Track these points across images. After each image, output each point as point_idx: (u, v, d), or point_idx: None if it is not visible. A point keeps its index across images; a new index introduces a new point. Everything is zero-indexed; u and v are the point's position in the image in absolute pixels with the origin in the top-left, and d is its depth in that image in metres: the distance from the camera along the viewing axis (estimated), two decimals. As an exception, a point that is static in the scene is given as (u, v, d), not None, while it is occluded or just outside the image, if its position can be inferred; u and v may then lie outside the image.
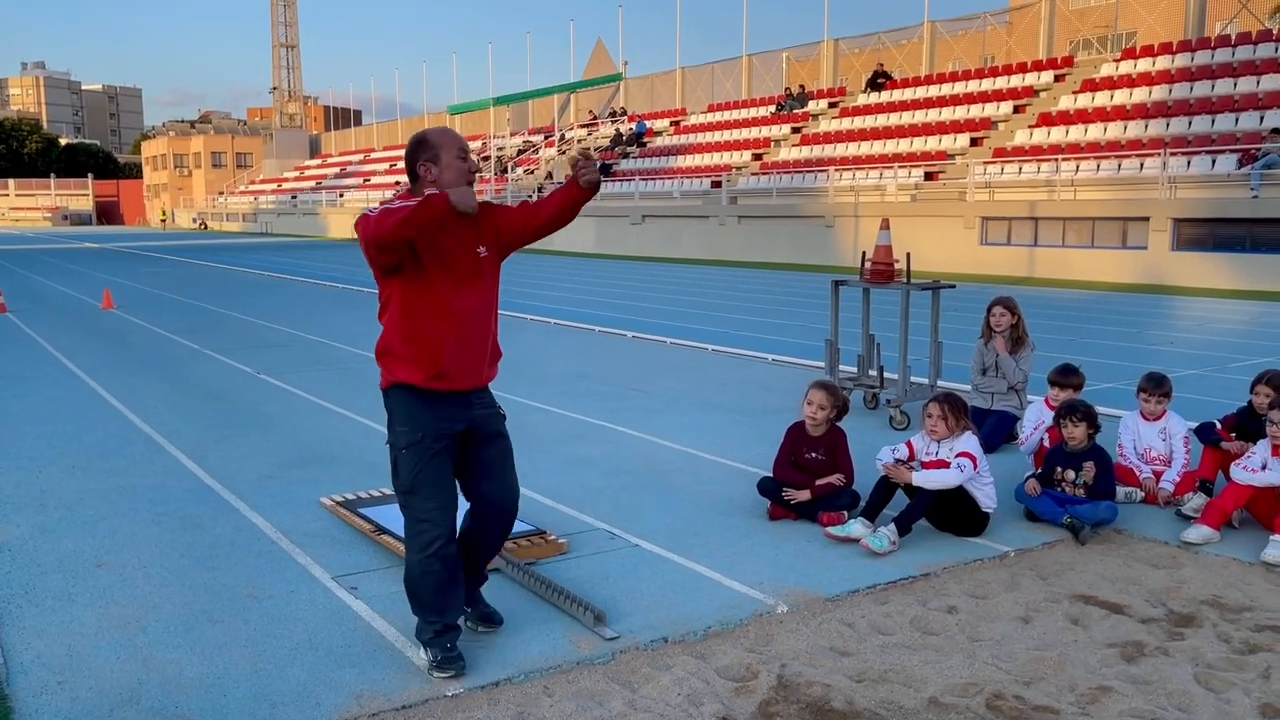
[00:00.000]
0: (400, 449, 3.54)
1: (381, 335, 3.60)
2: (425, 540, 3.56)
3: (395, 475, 3.59)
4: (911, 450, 5.19)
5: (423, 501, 3.54)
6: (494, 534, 3.83)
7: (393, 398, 3.58)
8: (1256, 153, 20.36)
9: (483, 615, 3.90)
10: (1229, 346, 11.58)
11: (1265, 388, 5.63)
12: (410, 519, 3.59)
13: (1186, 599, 4.29)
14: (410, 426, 3.53)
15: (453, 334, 3.53)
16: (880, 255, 7.83)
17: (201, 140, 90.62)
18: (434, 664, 3.56)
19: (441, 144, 3.53)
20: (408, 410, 3.54)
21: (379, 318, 3.62)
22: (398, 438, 3.55)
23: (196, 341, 12.48)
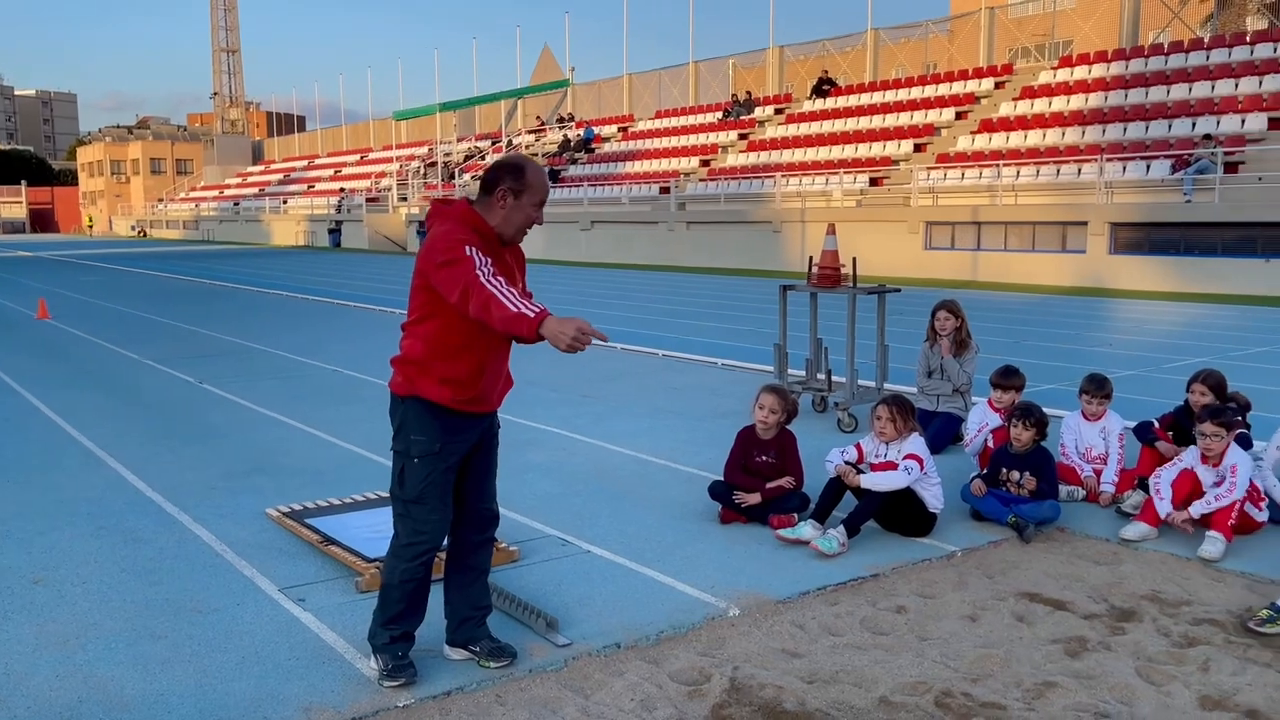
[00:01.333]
0: (413, 457, 3.47)
1: (412, 344, 3.47)
2: (419, 550, 3.51)
3: (400, 482, 3.51)
4: (860, 452, 5.25)
5: (428, 513, 3.50)
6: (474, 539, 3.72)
7: (411, 407, 3.48)
8: (1189, 158, 20.91)
9: (494, 650, 3.70)
10: (1165, 347, 11.87)
11: (1201, 386, 5.79)
12: (409, 528, 3.51)
13: (1127, 594, 4.38)
14: (429, 437, 3.46)
15: (492, 360, 3.52)
16: (827, 260, 7.91)
17: (140, 146, 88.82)
18: (385, 671, 3.52)
19: (531, 186, 3.44)
20: (427, 421, 3.47)
21: (410, 326, 3.50)
22: (412, 445, 3.47)
23: (136, 351, 12.22)
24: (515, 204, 3.42)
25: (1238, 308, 16.53)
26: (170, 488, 6.05)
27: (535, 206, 3.46)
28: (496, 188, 3.42)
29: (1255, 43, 24.42)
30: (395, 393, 3.54)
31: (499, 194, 3.42)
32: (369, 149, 60.65)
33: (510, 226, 3.45)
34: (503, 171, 3.43)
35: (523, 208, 3.44)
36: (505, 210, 3.42)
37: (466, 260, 3.26)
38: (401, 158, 52.72)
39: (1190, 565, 4.73)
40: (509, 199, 3.42)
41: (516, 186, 3.41)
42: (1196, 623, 4.08)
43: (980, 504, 5.33)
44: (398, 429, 3.53)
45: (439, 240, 3.34)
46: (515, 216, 3.44)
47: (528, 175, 3.44)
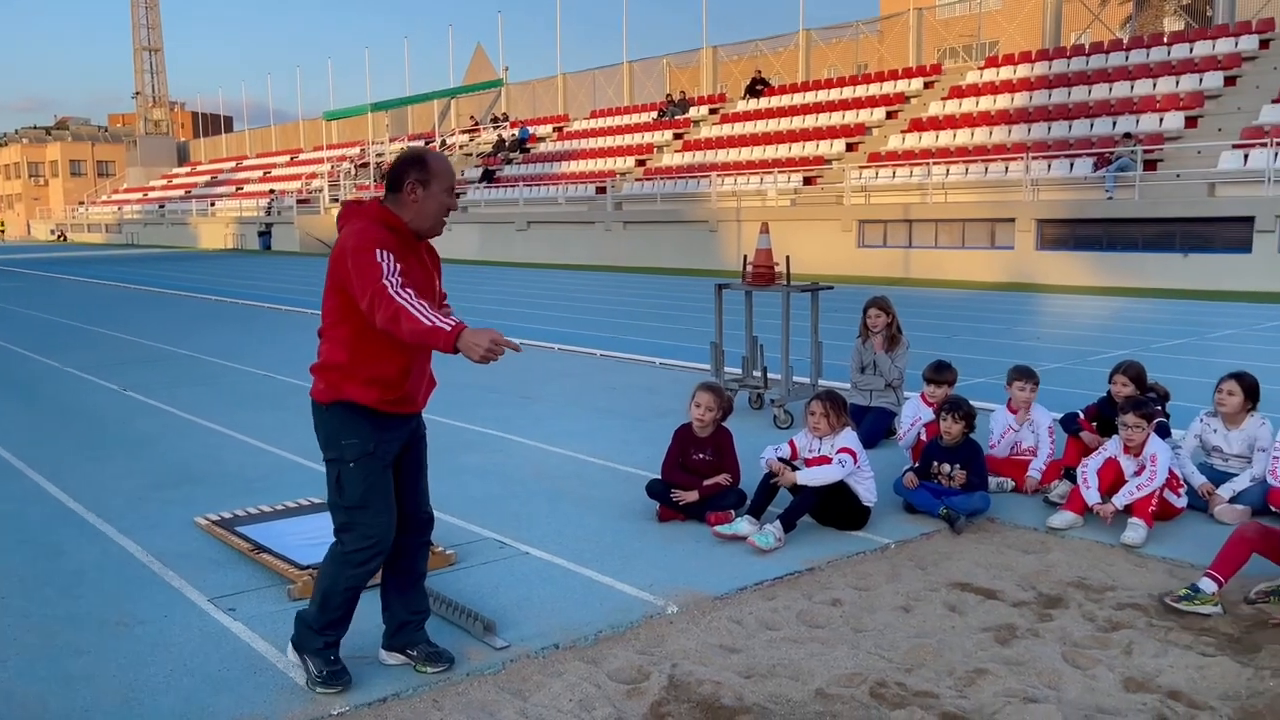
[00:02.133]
0: (348, 462, 3.42)
1: (330, 350, 3.43)
2: (369, 555, 3.45)
3: (340, 490, 3.44)
4: (794, 448, 5.30)
5: (374, 516, 3.44)
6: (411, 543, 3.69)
7: (337, 412, 3.43)
8: (1110, 156, 21.49)
9: (430, 655, 3.68)
10: (1089, 340, 12.18)
11: (1122, 377, 5.95)
12: (357, 534, 3.44)
13: (1054, 582, 4.49)
14: (361, 439, 3.42)
15: (417, 360, 3.50)
16: (761, 259, 7.97)
17: (59, 148, 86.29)
18: (319, 678, 3.47)
19: (437, 173, 3.44)
20: (357, 423, 3.42)
21: (326, 331, 3.45)
22: (345, 450, 3.42)
23: (56, 359, 11.86)
24: (426, 194, 3.42)
25: (1157, 301, 17.05)
26: (94, 498, 5.89)
27: (446, 193, 3.46)
28: (404, 182, 3.40)
29: (1172, 44, 25.19)
30: (319, 400, 3.47)
31: (408, 187, 3.41)
32: (299, 150, 59.63)
33: (426, 219, 3.44)
34: (407, 165, 3.43)
35: (434, 196, 3.43)
36: (418, 203, 3.41)
37: (375, 267, 3.23)
38: (333, 158, 51.92)
39: (1114, 552, 4.86)
40: (418, 190, 3.41)
41: (423, 177, 3.41)
42: (1120, 607, 4.19)
43: (913, 496, 5.42)
44: (327, 437, 3.46)
45: (350, 240, 3.31)
46: (429, 206, 3.43)
47: (431, 164, 3.44)
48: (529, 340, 12.85)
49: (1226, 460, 5.58)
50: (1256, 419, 5.55)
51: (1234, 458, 5.55)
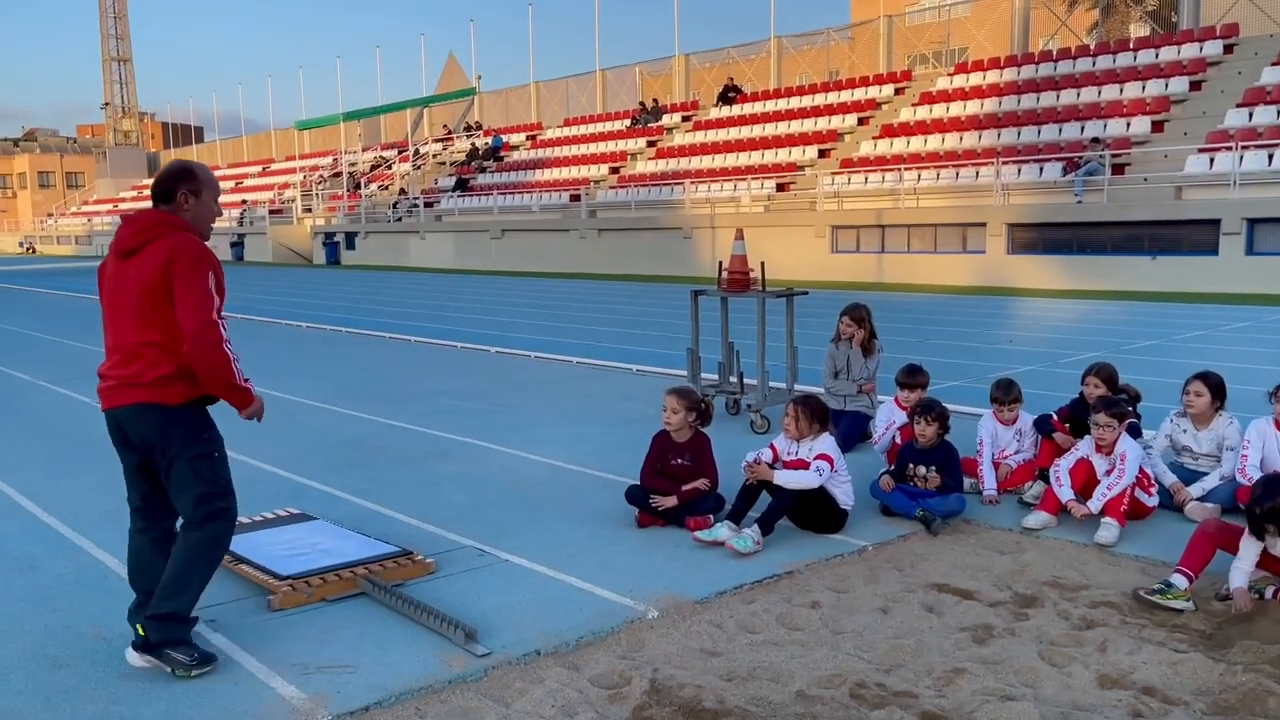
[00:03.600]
0: (214, 454, 3.70)
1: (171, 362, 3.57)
2: (227, 532, 3.72)
3: (214, 479, 3.67)
4: (775, 452, 5.34)
5: (232, 499, 3.74)
6: None
7: (192, 411, 3.66)
8: (1079, 161, 21.76)
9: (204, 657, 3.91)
10: (1060, 342, 12.32)
11: (1094, 379, 6.03)
12: (221, 516, 3.70)
13: (1029, 581, 4.55)
14: (213, 433, 3.73)
15: None
16: (736, 265, 8.02)
17: (27, 159, 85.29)
18: (194, 661, 3.60)
19: (206, 184, 3.67)
20: (208, 418, 3.71)
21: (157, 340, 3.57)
22: (210, 444, 3.69)
23: (29, 373, 11.74)
24: (199, 203, 3.64)
25: (1127, 303, 17.27)
26: (69, 512, 5.84)
27: (215, 200, 3.71)
28: (177, 190, 3.62)
29: (1138, 49, 25.56)
30: (172, 403, 3.60)
31: (181, 196, 3.62)
32: (271, 160, 59.29)
33: (203, 224, 3.68)
34: (176, 176, 3.64)
35: (205, 204, 3.68)
36: (191, 212, 3.64)
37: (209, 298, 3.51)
38: (305, 168, 51.65)
39: (1088, 551, 4.93)
40: (191, 199, 3.64)
41: (192, 186, 3.64)
42: (1094, 605, 4.25)
43: (889, 499, 5.47)
44: (188, 435, 3.63)
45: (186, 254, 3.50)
46: (202, 214, 3.68)
47: (199, 174, 3.68)
48: (504, 349, 12.85)
49: (1196, 459, 5.67)
50: (1224, 418, 5.64)
51: (1203, 457, 5.64)
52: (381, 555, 4.68)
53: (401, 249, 37.08)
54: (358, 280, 29.27)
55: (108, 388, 3.68)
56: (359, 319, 17.37)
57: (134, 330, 3.57)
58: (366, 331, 15.42)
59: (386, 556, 4.67)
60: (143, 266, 3.51)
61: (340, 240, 39.94)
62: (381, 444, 7.53)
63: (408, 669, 3.71)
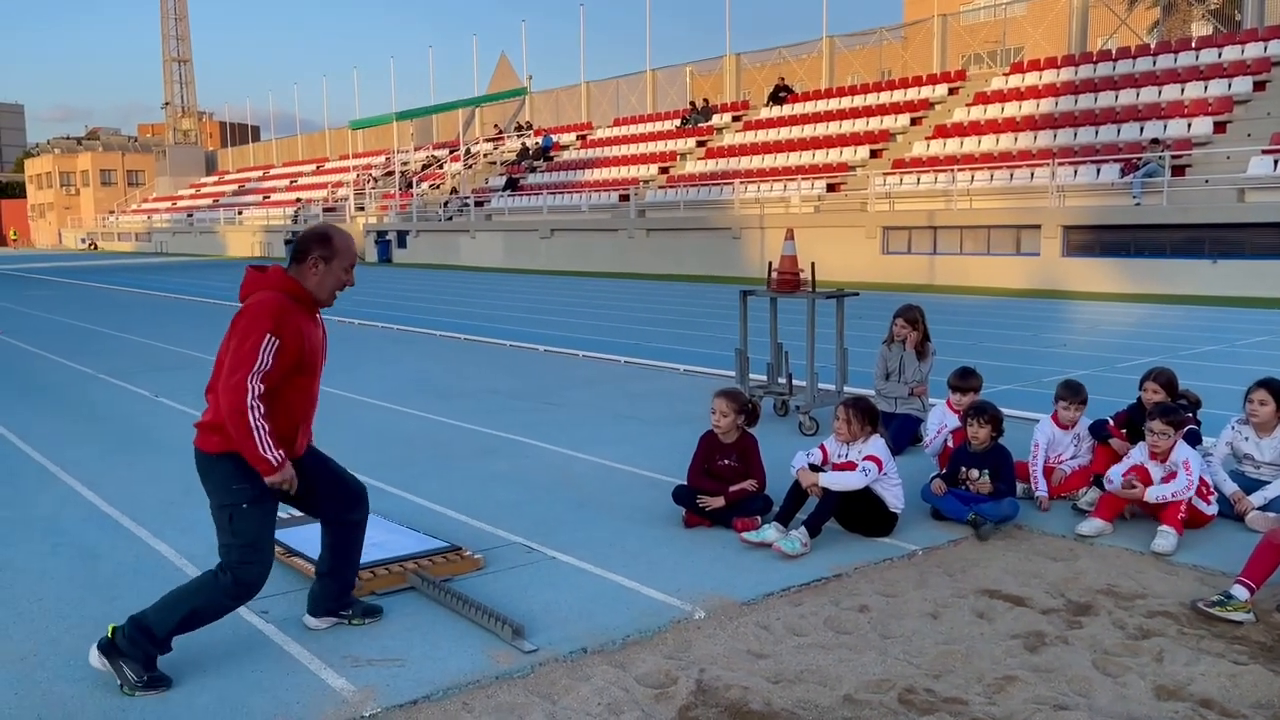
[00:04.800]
0: (242, 504, 3.65)
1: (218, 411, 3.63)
2: (251, 590, 3.70)
3: (233, 531, 3.66)
4: (825, 453, 5.31)
5: (264, 555, 3.71)
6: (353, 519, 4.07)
7: (227, 463, 3.66)
8: (1137, 162, 21.34)
9: (366, 609, 4.16)
10: (1118, 347, 12.09)
11: (1153, 384, 5.92)
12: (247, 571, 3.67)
13: (1083, 589, 4.47)
14: (251, 484, 3.66)
15: (305, 419, 3.86)
16: (786, 265, 7.98)
17: (90, 157, 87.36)
18: (140, 684, 3.54)
19: (340, 252, 3.77)
20: (248, 472, 3.64)
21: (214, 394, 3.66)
22: (239, 495, 3.65)
23: (90, 366, 12.03)
24: (327, 269, 3.75)
25: (1186, 307, 16.89)
26: (128, 502, 5.97)
27: (345, 270, 3.80)
28: (308, 257, 3.73)
29: (1200, 48, 24.99)
30: (207, 451, 3.68)
31: (311, 262, 3.73)
32: (325, 159, 60.15)
33: (324, 291, 3.78)
34: (311, 242, 3.75)
35: (333, 272, 3.76)
36: (318, 276, 3.75)
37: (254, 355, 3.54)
38: (358, 167, 52.32)
39: (1144, 559, 4.83)
40: (320, 265, 3.74)
41: (326, 254, 3.74)
42: (1151, 615, 4.17)
43: (941, 503, 5.41)
44: (218, 485, 3.67)
45: (252, 309, 3.61)
46: (328, 281, 3.77)
47: (335, 242, 3.77)
48: (553, 348, 12.91)
49: (1258, 468, 5.54)
50: (1288, 426, 5.49)
51: (1266, 465, 5.50)
52: (431, 550, 4.73)
53: (452, 248, 37.41)
54: (409, 278, 29.58)
55: None
56: (410, 317, 17.55)
57: (215, 376, 3.69)
58: (418, 329, 15.57)
59: (436, 552, 4.72)
60: (237, 321, 3.66)
61: (392, 239, 40.40)
62: (432, 441, 7.60)
63: (455, 664, 3.74)
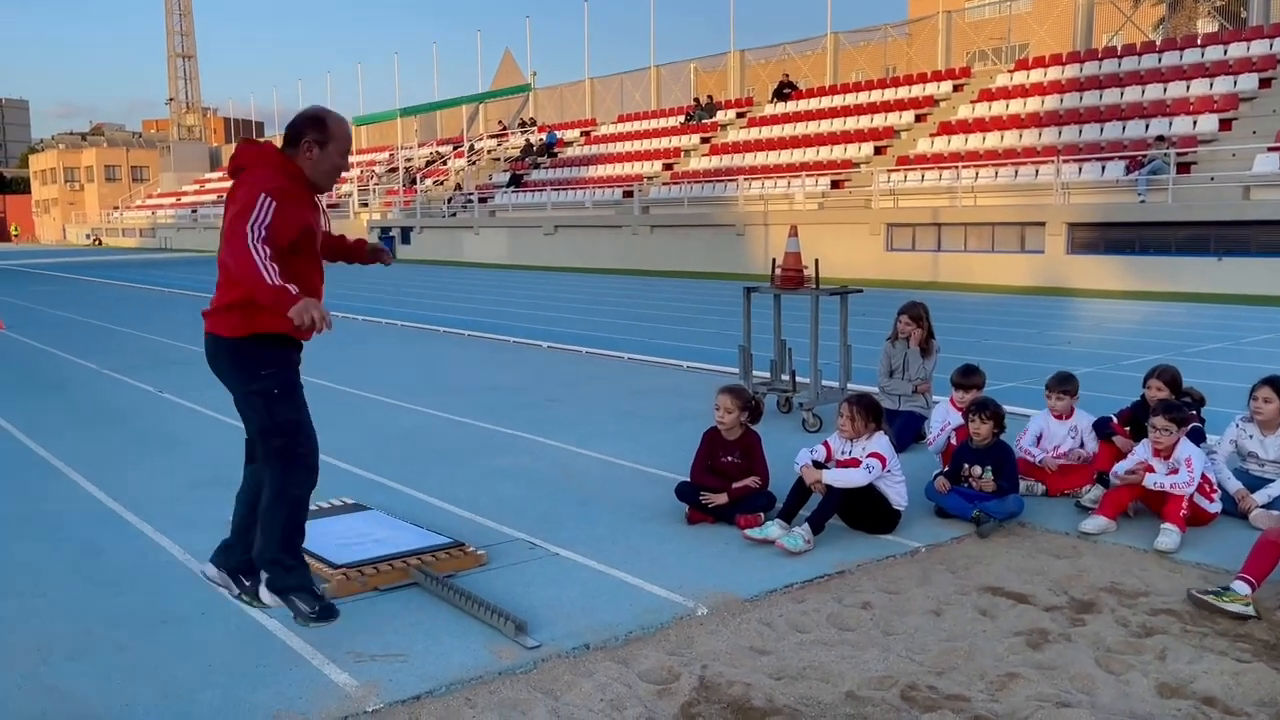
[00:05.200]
0: (274, 389, 3.60)
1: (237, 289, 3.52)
2: (311, 468, 3.63)
3: (271, 415, 3.59)
4: (829, 449, 5.31)
5: (308, 433, 3.65)
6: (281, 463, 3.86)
7: (252, 345, 3.58)
8: (1142, 159, 21.29)
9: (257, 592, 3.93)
10: (1122, 344, 12.07)
11: (1157, 381, 5.91)
12: (297, 453, 3.62)
13: (1086, 587, 4.46)
14: (281, 366, 3.62)
15: (317, 290, 3.75)
16: (790, 262, 7.97)
17: (94, 153, 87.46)
18: (314, 615, 3.54)
19: (334, 135, 3.62)
20: (274, 353, 3.60)
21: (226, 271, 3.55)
22: (269, 380, 3.60)
23: (94, 361, 12.05)
24: (322, 154, 3.61)
25: (1191, 305, 16.86)
26: (132, 498, 5.98)
27: (340, 155, 3.65)
28: (301, 139, 3.59)
29: (1206, 45, 24.93)
30: (228, 335, 3.57)
31: (304, 145, 3.58)
32: (329, 155, 60.08)
33: (319, 174, 3.63)
34: (305, 124, 3.60)
35: (329, 156, 3.63)
36: (313, 159, 3.60)
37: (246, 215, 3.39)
38: (362, 163, 52.34)
39: (1147, 557, 4.83)
40: (314, 150, 3.60)
41: (320, 137, 3.60)
42: (1154, 613, 4.16)
43: (944, 501, 5.40)
44: (244, 370, 3.58)
45: (245, 183, 3.48)
46: (323, 165, 3.62)
47: (330, 125, 3.61)
48: (556, 344, 12.91)
49: (1262, 466, 5.53)
50: (1293, 424, 5.48)
51: (1270, 463, 5.50)
52: (434, 546, 4.73)
53: (456, 244, 37.42)
54: (413, 275, 29.60)
55: None
56: (414, 313, 17.56)
57: (222, 254, 3.56)
58: (421, 325, 15.58)
59: (439, 548, 4.72)
60: (233, 195, 3.53)
61: (396, 235, 40.41)
62: (435, 437, 7.61)
63: (458, 659, 3.75)
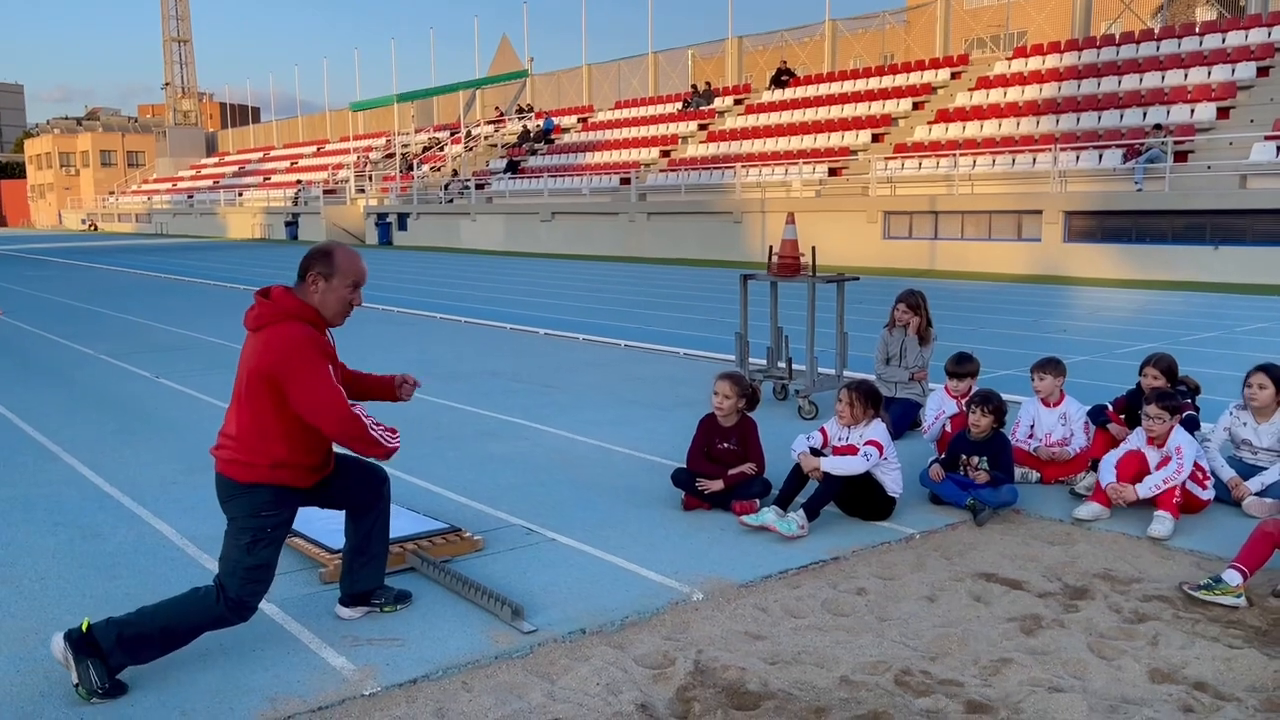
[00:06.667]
0: (267, 529, 3.59)
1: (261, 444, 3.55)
2: (248, 608, 3.60)
3: (250, 553, 3.55)
4: (825, 436, 5.32)
5: (269, 575, 3.63)
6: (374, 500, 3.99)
7: (267, 491, 3.59)
8: (1140, 148, 21.28)
9: (399, 594, 4.15)
10: (1118, 333, 12.10)
11: (1152, 370, 5.92)
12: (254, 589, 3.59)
13: (1080, 573, 4.49)
14: (284, 508, 3.64)
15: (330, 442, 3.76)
16: (787, 249, 7.98)
17: (89, 138, 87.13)
18: (101, 689, 3.35)
19: (340, 269, 3.62)
20: (281, 500, 3.62)
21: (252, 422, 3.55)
22: (265, 522, 3.58)
23: (90, 346, 12.04)
24: (327, 286, 3.61)
25: (1187, 294, 16.88)
26: (128, 482, 5.99)
27: (349, 289, 3.64)
28: (307, 274, 3.62)
29: (1204, 34, 24.88)
30: (237, 479, 3.57)
31: (310, 279, 3.61)
32: (325, 140, 59.98)
33: (328, 310, 3.63)
34: (313, 259, 3.65)
35: (335, 289, 3.61)
36: (319, 294, 3.61)
37: (333, 390, 3.51)
38: (359, 149, 52.19)
39: (1140, 544, 4.85)
40: (320, 283, 3.60)
41: (325, 270, 3.60)
42: (1146, 599, 4.19)
43: (939, 488, 5.42)
44: (247, 511, 3.57)
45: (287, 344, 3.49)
46: (329, 299, 3.62)
47: (336, 258, 3.63)
48: (553, 331, 12.91)
49: (1256, 454, 5.55)
50: (1287, 412, 5.50)
51: (1264, 451, 5.52)
52: (431, 531, 4.75)
53: (452, 230, 37.35)
54: (409, 261, 29.55)
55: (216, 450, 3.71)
56: (411, 299, 17.54)
57: (239, 406, 3.59)
58: (418, 312, 15.58)
59: (436, 533, 4.74)
60: (254, 349, 3.55)
61: (393, 221, 40.34)
62: (432, 423, 7.62)
63: (455, 644, 3.76)
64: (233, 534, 3.60)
